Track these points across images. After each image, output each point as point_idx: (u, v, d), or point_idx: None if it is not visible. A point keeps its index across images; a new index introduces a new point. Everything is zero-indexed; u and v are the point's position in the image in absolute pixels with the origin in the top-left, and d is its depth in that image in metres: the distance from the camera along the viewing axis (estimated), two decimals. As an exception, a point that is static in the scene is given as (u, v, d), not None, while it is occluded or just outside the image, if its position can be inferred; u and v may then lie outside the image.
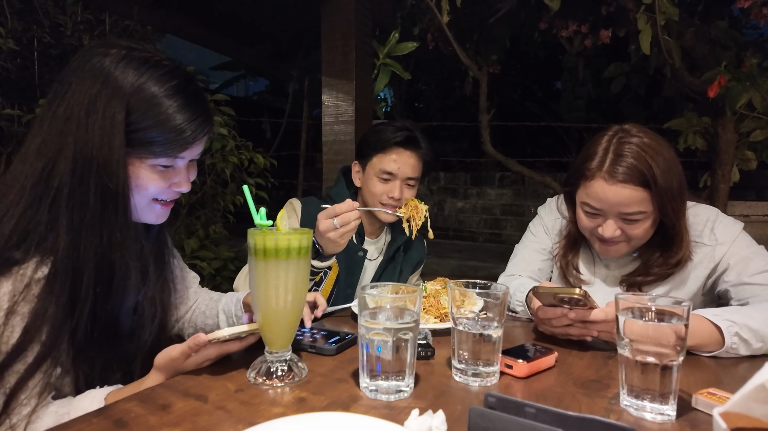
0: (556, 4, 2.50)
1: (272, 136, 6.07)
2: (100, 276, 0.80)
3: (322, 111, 2.24)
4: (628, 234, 1.13)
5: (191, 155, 0.89)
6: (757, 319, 0.97)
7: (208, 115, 0.88)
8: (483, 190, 6.94)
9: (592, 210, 1.15)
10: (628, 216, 1.10)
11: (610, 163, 1.09)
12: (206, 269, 3.03)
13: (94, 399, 0.79)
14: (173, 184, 0.88)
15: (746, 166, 2.81)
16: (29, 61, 3.05)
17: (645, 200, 1.07)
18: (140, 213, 0.88)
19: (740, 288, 1.12)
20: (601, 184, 1.09)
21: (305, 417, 0.58)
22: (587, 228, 1.19)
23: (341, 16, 2.14)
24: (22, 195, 0.78)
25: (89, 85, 0.79)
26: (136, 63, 0.81)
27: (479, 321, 0.81)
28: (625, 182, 1.06)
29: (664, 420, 0.70)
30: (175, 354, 0.81)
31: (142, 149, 0.82)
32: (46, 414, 0.76)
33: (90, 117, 0.78)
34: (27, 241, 0.77)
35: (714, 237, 1.16)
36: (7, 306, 0.74)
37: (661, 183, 1.06)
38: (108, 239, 0.80)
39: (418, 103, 8.35)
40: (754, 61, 2.57)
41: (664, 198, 1.07)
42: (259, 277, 0.81)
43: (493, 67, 3.59)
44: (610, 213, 1.12)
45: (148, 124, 0.80)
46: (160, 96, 0.81)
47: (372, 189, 1.50)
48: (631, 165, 1.06)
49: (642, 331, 0.72)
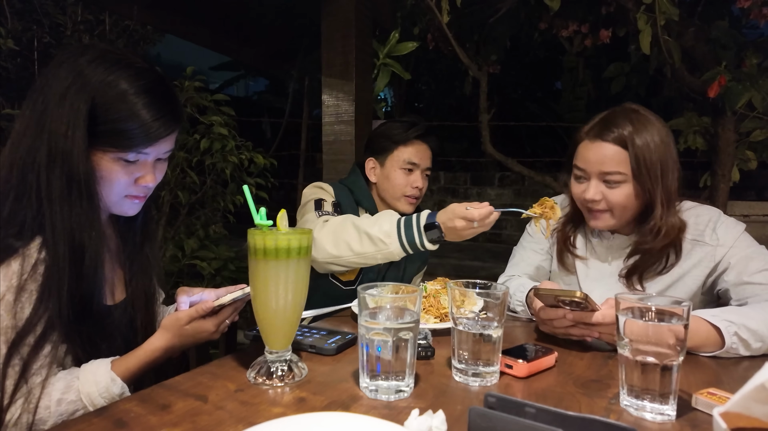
0: (556, 4, 2.49)
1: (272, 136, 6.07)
2: (74, 255, 0.86)
3: (322, 111, 2.23)
4: (609, 199, 1.17)
5: (156, 152, 0.93)
6: (756, 319, 0.97)
7: (175, 116, 0.93)
8: (483, 189, 6.94)
9: (578, 172, 1.22)
10: (607, 177, 1.16)
11: (597, 126, 1.19)
12: (206, 269, 3.03)
13: (101, 364, 0.87)
14: (138, 179, 0.93)
15: (746, 166, 2.80)
16: (29, 61, 3.04)
17: (623, 161, 1.14)
18: (112, 206, 0.94)
19: (740, 288, 1.11)
20: (586, 143, 1.19)
21: (305, 417, 0.58)
22: (577, 195, 1.24)
23: (341, 16, 2.13)
24: (11, 185, 0.85)
25: (63, 79, 0.85)
26: (108, 62, 0.87)
27: (479, 321, 0.81)
28: (605, 140, 1.15)
29: (664, 420, 0.70)
30: (182, 316, 0.92)
31: (106, 142, 0.87)
32: (56, 380, 0.84)
33: (59, 109, 0.84)
34: (25, 228, 0.84)
35: (716, 237, 1.16)
36: (17, 284, 0.81)
37: (639, 145, 1.12)
38: (77, 222, 0.86)
39: (418, 103, 8.34)
40: (754, 61, 2.57)
41: (640, 161, 1.12)
42: (259, 277, 0.81)
43: (493, 67, 3.59)
44: (592, 173, 1.18)
45: (112, 119, 0.86)
46: (127, 93, 0.86)
47: (396, 181, 1.59)
48: (613, 126, 1.15)
49: (642, 331, 0.72)
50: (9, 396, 0.79)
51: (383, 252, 1.27)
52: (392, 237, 1.26)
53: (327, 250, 1.31)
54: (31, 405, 0.80)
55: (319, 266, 1.36)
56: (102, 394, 0.84)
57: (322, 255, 1.31)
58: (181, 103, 1.02)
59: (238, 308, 1.00)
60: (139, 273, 1.04)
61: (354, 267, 1.37)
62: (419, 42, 2.83)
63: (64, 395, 0.82)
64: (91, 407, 0.83)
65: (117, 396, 0.85)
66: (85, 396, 0.83)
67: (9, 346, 0.80)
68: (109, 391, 0.84)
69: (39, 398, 0.81)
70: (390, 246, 1.26)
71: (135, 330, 1.02)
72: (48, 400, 0.82)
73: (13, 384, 0.79)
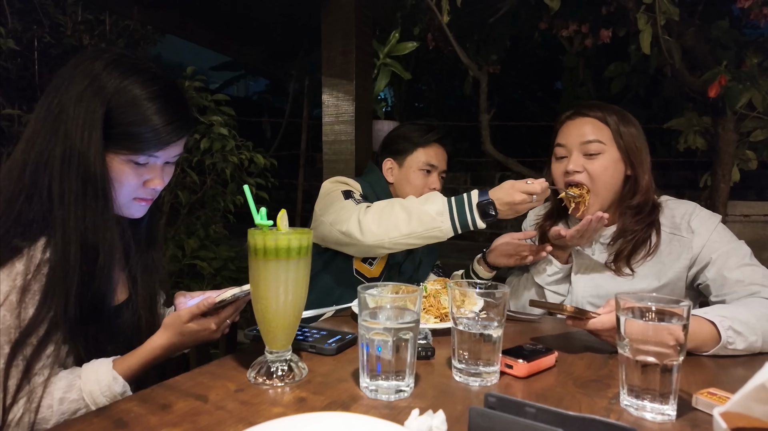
0: (557, 4, 2.49)
1: (272, 136, 6.05)
2: (86, 256, 0.87)
3: (322, 111, 2.23)
4: (590, 171, 1.22)
5: (166, 156, 0.95)
6: (744, 313, 0.98)
7: (185, 121, 0.95)
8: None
9: (559, 150, 1.30)
10: (587, 146, 1.23)
11: (574, 109, 1.31)
12: (206, 269, 3.03)
13: (102, 363, 0.88)
14: (147, 181, 0.95)
15: (746, 166, 2.80)
16: (29, 61, 3.04)
17: (602, 131, 1.24)
18: (121, 208, 0.95)
19: (719, 284, 1.14)
20: (566, 123, 1.30)
21: (305, 417, 0.58)
22: (558, 173, 1.30)
23: (341, 16, 2.13)
24: (23, 185, 0.86)
25: (79, 82, 0.87)
26: (123, 67, 0.90)
27: (479, 321, 0.81)
28: (584, 116, 1.27)
29: (665, 420, 0.70)
30: (183, 313, 0.92)
31: (119, 144, 0.89)
32: (58, 379, 0.85)
33: (76, 111, 0.87)
34: (32, 229, 0.85)
35: (690, 229, 1.20)
36: (21, 285, 0.82)
37: (617, 119, 1.24)
38: (91, 222, 0.88)
39: (418, 103, 8.33)
40: (755, 61, 2.57)
41: (623, 135, 1.23)
42: (259, 277, 0.81)
43: (493, 67, 3.59)
44: (573, 146, 1.26)
45: (126, 122, 0.88)
46: (140, 98, 0.89)
47: (415, 182, 1.63)
48: (590, 108, 1.28)
49: (642, 331, 0.72)
50: (12, 395, 0.80)
51: (433, 231, 1.27)
52: (444, 215, 1.26)
53: (374, 232, 1.30)
54: (34, 405, 0.81)
55: (364, 250, 1.37)
56: (104, 393, 0.84)
57: (370, 239, 1.30)
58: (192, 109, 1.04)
59: (239, 307, 1.00)
60: (144, 275, 1.05)
61: (402, 249, 1.37)
62: (419, 42, 2.82)
63: (66, 394, 0.83)
64: (93, 406, 0.83)
65: (119, 395, 0.85)
66: (87, 395, 0.83)
67: (12, 346, 0.81)
68: (111, 390, 0.85)
69: (41, 397, 0.81)
70: (442, 224, 1.26)
71: (139, 332, 1.02)
72: (50, 399, 0.82)
73: (16, 384, 0.80)
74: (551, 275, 1.33)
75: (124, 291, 1.03)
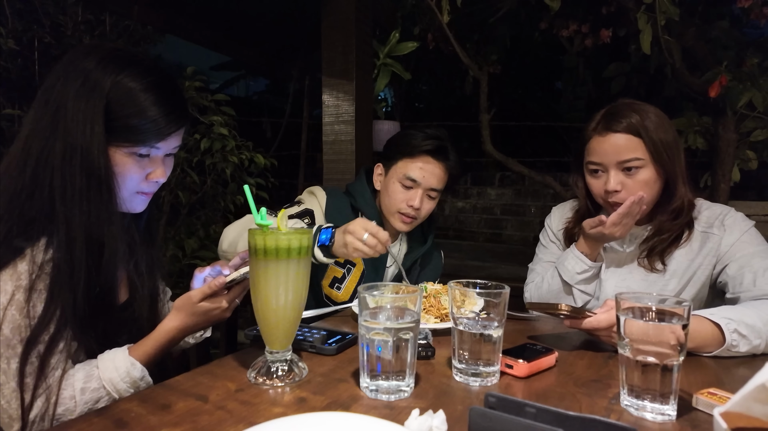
0: (557, 4, 2.49)
1: (272, 135, 6.05)
2: (91, 250, 0.87)
3: (322, 111, 2.23)
4: (631, 187, 1.19)
5: (166, 147, 0.96)
6: (752, 316, 0.97)
7: (182, 112, 0.96)
8: (483, 189, 6.93)
9: (594, 166, 1.24)
10: (626, 164, 1.19)
11: (603, 120, 1.22)
12: (206, 269, 3.02)
13: (118, 351, 0.89)
14: (149, 174, 0.96)
15: (747, 166, 2.80)
16: (29, 61, 3.04)
17: (639, 147, 1.18)
18: (123, 202, 0.95)
19: (738, 282, 1.14)
20: (598, 139, 1.22)
21: (305, 417, 0.58)
22: (598, 191, 1.26)
23: (341, 16, 2.13)
24: (23, 184, 0.86)
25: (74, 79, 0.88)
26: (117, 61, 0.90)
27: (479, 321, 0.81)
28: (617, 131, 1.19)
29: (665, 420, 0.70)
30: (194, 293, 0.94)
31: (121, 138, 0.90)
32: (75, 371, 0.86)
33: (75, 106, 0.87)
34: (34, 227, 0.85)
35: (723, 227, 1.21)
36: (26, 284, 0.82)
37: (652, 130, 1.17)
38: (96, 217, 0.88)
39: (418, 103, 8.32)
40: (755, 61, 2.57)
41: (658, 146, 1.17)
42: (259, 277, 0.81)
43: (493, 67, 3.58)
44: (610, 165, 1.21)
45: (125, 115, 0.89)
46: (136, 90, 0.89)
47: (393, 194, 1.46)
48: (621, 116, 1.19)
49: (642, 331, 0.72)
50: (31, 392, 0.80)
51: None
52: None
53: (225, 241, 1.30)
54: (53, 398, 0.82)
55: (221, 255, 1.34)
56: (123, 379, 0.85)
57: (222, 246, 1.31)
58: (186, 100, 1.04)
59: (246, 287, 1.00)
60: (145, 271, 1.05)
61: None
62: (419, 42, 2.82)
63: (86, 384, 0.84)
64: (115, 393, 0.84)
65: (139, 380, 0.86)
66: (108, 383, 0.84)
67: (25, 344, 0.81)
68: (130, 375, 0.86)
69: (59, 390, 0.82)
70: None
71: (140, 328, 1.02)
72: (71, 391, 0.83)
73: (34, 381, 0.81)
74: (580, 273, 1.27)
75: (124, 290, 1.03)
